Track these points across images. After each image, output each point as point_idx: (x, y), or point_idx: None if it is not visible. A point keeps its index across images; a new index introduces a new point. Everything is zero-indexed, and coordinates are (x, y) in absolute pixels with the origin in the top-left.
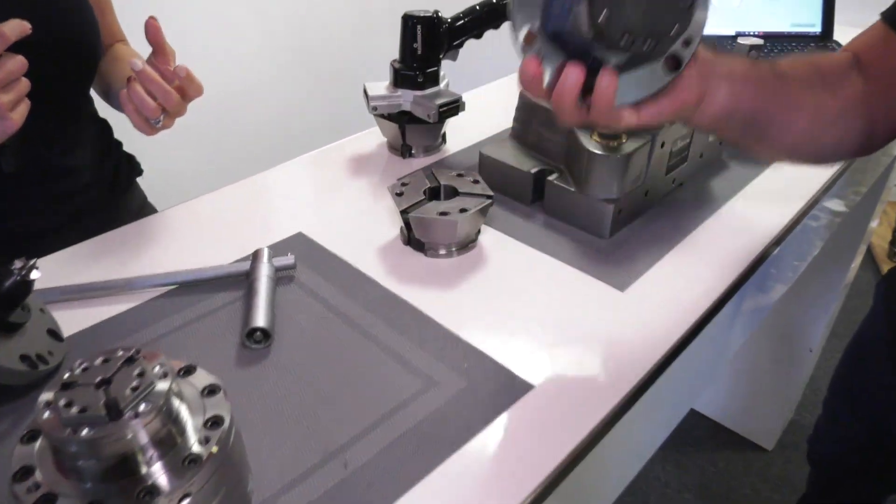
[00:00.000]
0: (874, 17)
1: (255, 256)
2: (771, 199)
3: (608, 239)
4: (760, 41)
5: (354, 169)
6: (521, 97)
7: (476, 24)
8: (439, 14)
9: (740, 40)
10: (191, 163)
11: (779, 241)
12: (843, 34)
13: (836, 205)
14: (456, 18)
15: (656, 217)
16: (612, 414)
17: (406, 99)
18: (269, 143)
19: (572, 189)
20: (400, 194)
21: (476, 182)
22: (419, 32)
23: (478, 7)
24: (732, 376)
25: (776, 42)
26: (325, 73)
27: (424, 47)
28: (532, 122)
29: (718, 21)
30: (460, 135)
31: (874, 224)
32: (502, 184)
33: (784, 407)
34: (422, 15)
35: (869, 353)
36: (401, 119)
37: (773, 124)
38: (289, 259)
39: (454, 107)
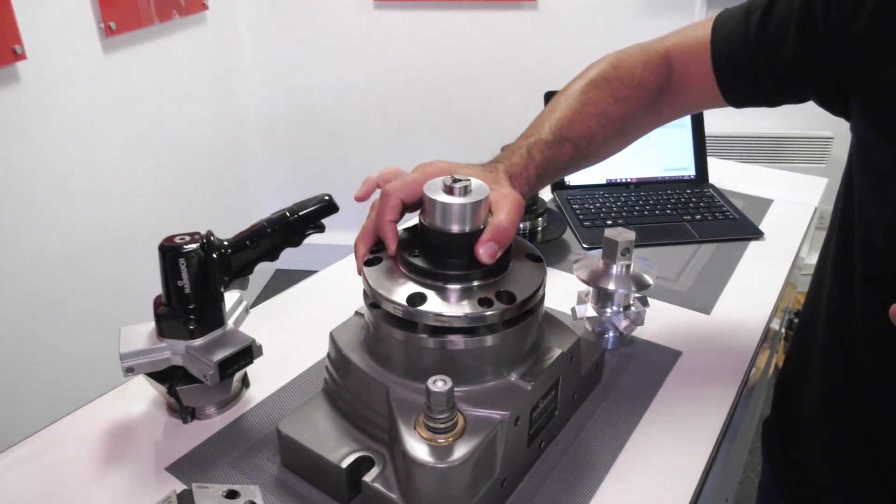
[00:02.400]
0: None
1: None
2: (680, 432)
3: None
4: (632, 237)
5: (105, 452)
6: (332, 339)
7: (266, 244)
8: (213, 238)
9: (608, 233)
10: None
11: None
12: (718, 177)
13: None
14: (238, 242)
15: None
16: None
17: (175, 351)
18: None
19: (394, 496)
20: None
21: None
22: (182, 268)
23: (266, 224)
24: None
25: (650, 187)
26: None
27: (194, 285)
28: (346, 384)
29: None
30: (279, 366)
31: None
32: (310, 474)
33: None
34: (183, 244)
35: None
36: (172, 376)
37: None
38: None
39: (242, 359)
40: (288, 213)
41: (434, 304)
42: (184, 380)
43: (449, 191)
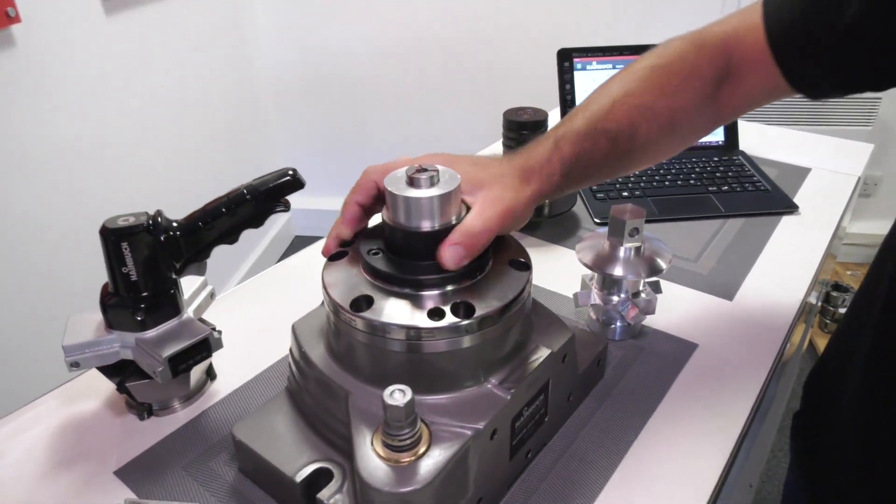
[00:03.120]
0: None
1: None
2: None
3: None
4: (641, 215)
5: (54, 453)
6: (294, 332)
7: (222, 225)
8: (160, 219)
9: (614, 211)
10: None
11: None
12: (750, 143)
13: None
14: (189, 224)
15: None
16: None
17: (125, 344)
18: None
19: None
20: None
21: None
22: (126, 253)
23: (221, 204)
24: None
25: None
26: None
27: (142, 271)
28: (306, 386)
29: None
30: (248, 356)
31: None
32: (266, 483)
33: None
34: (126, 226)
35: None
36: (124, 371)
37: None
38: None
39: (198, 353)
40: (245, 191)
41: (378, 311)
42: (136, 374)
43: (411, 182)
